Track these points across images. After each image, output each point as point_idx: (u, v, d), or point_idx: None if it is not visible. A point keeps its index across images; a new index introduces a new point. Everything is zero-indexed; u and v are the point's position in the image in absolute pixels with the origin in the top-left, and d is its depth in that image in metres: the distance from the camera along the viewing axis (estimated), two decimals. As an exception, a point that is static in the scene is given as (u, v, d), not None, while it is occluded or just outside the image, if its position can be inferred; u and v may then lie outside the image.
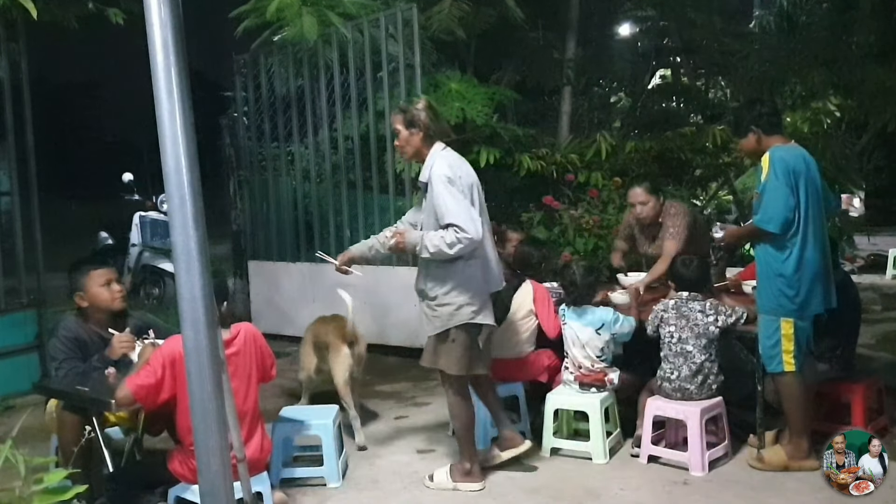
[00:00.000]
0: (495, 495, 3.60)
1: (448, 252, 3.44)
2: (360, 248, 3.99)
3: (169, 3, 1.59)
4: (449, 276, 3.55)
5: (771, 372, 3.64)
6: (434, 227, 3.53)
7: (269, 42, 6.74)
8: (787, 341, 3.56)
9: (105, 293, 3.55)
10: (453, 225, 3.42)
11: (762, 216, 3.57)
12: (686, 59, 8.85)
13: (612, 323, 3.96)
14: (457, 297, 3.54)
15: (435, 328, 3.62)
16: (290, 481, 3.74)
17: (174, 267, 1.65)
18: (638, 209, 4.66)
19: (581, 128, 7.91)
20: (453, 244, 3.42)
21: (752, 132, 3.73)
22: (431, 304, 3.61)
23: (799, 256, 3.54)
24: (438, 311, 3.59)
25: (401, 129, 3.67)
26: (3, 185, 5.88)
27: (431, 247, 3.46)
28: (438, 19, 6.47)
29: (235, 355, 3.23)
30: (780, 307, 3.58)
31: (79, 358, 3.50)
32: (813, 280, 3.57)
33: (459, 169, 3.62)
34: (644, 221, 4.69)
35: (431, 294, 3.60)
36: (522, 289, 4.33)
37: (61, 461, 3.23)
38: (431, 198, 3.54)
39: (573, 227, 6.26)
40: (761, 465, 3.68)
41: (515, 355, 4.28)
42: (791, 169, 3.55)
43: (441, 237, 3.44)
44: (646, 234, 4.79)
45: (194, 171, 1.63)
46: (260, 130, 7.29)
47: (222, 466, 1.67)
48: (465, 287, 3.55)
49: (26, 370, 5.34)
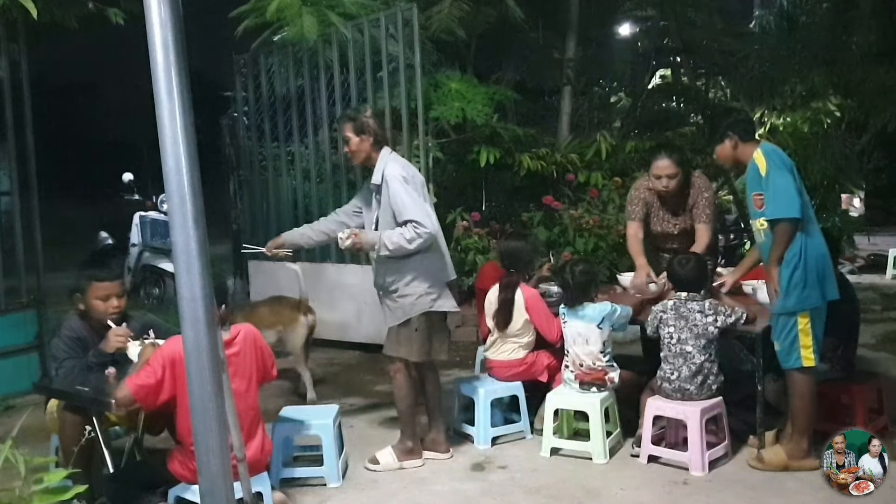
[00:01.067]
0: (495, 495, 3.59)
1: (408, 247, 3.68)
2: (291, 234, 4.24)
3: (169, 3, 1.59)
4: (408, 269, 3.79)
5: (789, 368, 3.61)
6: (391, 224, 3.74)
7: (269, 42, 6.74)
8: (805, 336, 3.54)
9: (101, 306, 3.55)
10: (412, 221, 3.67)
11: (778, 207, 3.53)
12: (686, 59, 8.86)
13: (611, 315, 3.96)
14: (416, 287, 3.79)
15: (397, 318, 3.84)
16: (290, 481, 3.74)
17: (174, 267, 1.65)
18: (664, 182, 4.32)
19: (581, 128, 7.92)
20: (413, 239, 3.67)
21: (729, 138, 3.75)
22: (393, 296, 3.84)
23: (804, 245, 3.55)
24: (400, 301, 3.82)
25: (351, 135, 3.86)
26: (3, 185, 5.88)
27: (391, 244, 3.69)
28: (438, 19, 6.48)
29: (236, 356, 3.23)
30: (799, 301, 3.55)
31: (80, 358, 3.50)
32: (823, 267, 3.58)
33: (411, 169, 3.90)
34: (668, 195, 4.40)
35: (392, 287, 3.83)
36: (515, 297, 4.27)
37: (61, 461, 3.24)
38: (387, 197, 3.75)
39: (573, 227, 6.27)
40: (761, 466, 3.68)
41: (515, 357, 4.28)
42: (784, 157, 3.62)
43: (400, 234, 3.68)
44: (666, 208, 4.48)
45: (194, 171, 1.63)
46: (260, 130, 7.28)
47: (222, 466, 1.67)
48: (424, 278, 3.80)
49: (26, 370, 5.34)
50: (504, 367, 4.30)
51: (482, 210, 6.74)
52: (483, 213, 6.62)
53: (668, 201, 4.45)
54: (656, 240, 4.58)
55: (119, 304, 3.58)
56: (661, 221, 4.52)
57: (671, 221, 4.49)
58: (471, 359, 5.38)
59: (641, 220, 4.53)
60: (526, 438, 4.23)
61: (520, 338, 4.25)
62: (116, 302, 3.57)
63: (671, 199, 4.42)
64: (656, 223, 4.54)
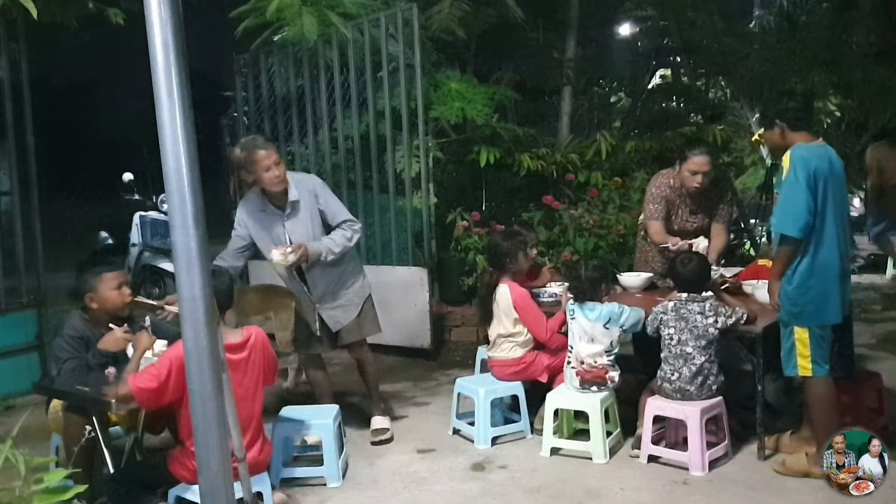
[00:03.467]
0: (495, 495, 3.59)
1: (350, 244, 4.18)
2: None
3: (169, 3, 1.59)
4: (351, 263, 4.32)
5: (787, 375, 3.60)
6: (321, 231, 4.14)
7: (269, 42, 6.74)
8: (802, 346, 3.44)
9: (116, 296, 3.57)
10: (347, 220, 4.19)
11: (780, 219, 3.40)
12: (686, 59, 8.84)
13: (618, 316, 3.95)
14: (360, 274, 4.37)
15: (357, 307, 4.30)
16: (290, 481, 3.74)
17: (174, 267, 1.65)
18: (700, 179, 4.22)
19: (581, 128, 7.91)
20: (353, 236, 4.17)
21: (777, 126, 3.54)
22: (348, 292, 4.27)
23: (811, 262, 3.40)
24: (353, 291, 4.28)
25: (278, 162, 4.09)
26: (3, 185, 5.88)
27: (337, 247, 4.11)
28: (438, 19, 6.47)
29: (247, 359, 3.22)
30: (793, 316, 3.46)
31: (83, 357, 3.50)
32: (827, 288, 3.41)
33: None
34: (696, 192, 4.28)
35: (349, 283, 4.28)
36: (500, 291, 4.28)
37: (62, 461, 3.24)
38: (314, 206, 4.13)
39: (573, 227, 6.26)
40: (783, 470, 3.60)
41: (513, 356, 4.28)
42: (813, 170, 3.35)
43: (341, 235, 4.13)
44: (688, 205, 4.40)
45: (194, 171, 1.63)
46: (260, 130, 7.26)
47: (222, 466, 1.67)
48: (360, 265, 4.45)
49: (26, 370, 5.34)
50: (502, 365, 4.30)
51: (482, 210, 6.73)
52: (483, 213, 6.61)
53: (694, 199, 4.34)
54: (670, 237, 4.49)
55: (130, 292, 3.61)
56: (678, 219, 4.45)
57: (690, 220, 4.42)
58: (471, 359, 5.38)
59: (664, 218, 4.43)
60: (526, 438, 4.24)
61: (515, 337, 4.26)
62: (128, 290, 3.61)
63: (698, 197, 4.31)
64: (674, 221, 4.46)
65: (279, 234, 4.16)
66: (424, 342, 5.93)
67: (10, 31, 5.47)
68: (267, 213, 4.17)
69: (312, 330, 4.30)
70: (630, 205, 6.53)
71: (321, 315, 4.27)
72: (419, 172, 6.04)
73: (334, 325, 4.29)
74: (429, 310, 5.91)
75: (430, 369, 5.78)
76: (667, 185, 4.47)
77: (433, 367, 5.82)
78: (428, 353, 5.97)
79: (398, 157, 6.12)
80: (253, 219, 4.19)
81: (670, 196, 4.45)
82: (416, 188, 6.11)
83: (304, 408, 4.12)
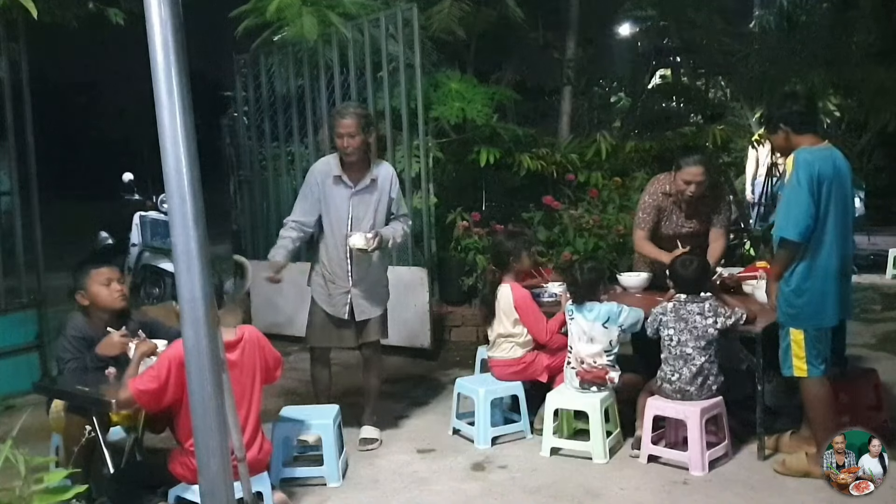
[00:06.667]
0: (495, 495, 3.60)
1: (404, 239, 4.45)
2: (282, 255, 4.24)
3: (169, 3, 1.59)
4: (386, 260, 4.44)
5: (784, 376, 3.61)
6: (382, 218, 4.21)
7: (269, 42, 6.74)
8: (798, 347, 3.46)
9: (105, 292, 3.54)
10: (406, 214, 4.37)
11: (781, 225, 3.39)
12: (686, 59, 8.84)
13: (617, 315, 3.95)
14: (386, 275, 4.41)
15: (383, 304, 4.34)
16: (290, 481, 3.74)
17: (174, 267, 1.65)
18: (693, 188, 4.24)
19: (581, 128, 7.90)
20: (407, 231, 4.37)
21: (781, 129, 3.52)
22: (380, 287, 4.32)
23: (809, 265, 3.41)
24: (383, 288, 4.34)
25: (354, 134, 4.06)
26: (3, 185, 5.87)
27: (399, 238, 4.26)
28: (438, 19, 6.47)
29: (240, 359, 3.22)
30: (789, 317, 3.47)
31: (85, 357, 3.49)
32: (824, 291, 3.42)
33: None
34: (691, 199, 4.30)
35: (382, 280, 4.34)
36: (501, 291, 4.29)
37: (62, 461, 3.24)
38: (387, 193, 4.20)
39: (573, 227, 6.26)
40: (783, 470, 3.61)
41: (513, 356, 4.28)
42: (816, 173, 3.34)
43: (402, 229, 4.27)
44: (682, 211, 4.41)
45: (194, 171, 1.63)
46: (260, 130, 7.28)
47: (222, 466, 1.67)
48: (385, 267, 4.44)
49: (26, 370, 5.34)
50: (502, 365, 4.30)
51: (482, 210, 6.73)
52: (483, 213, 6.61)
53: (689, 204, 4.36)
54: (664, 242, 4.47)
55: (122, 288, 3.59)
56: (673, 225, 4.46)
57: (685, 225, 4.43)
58: (471, 359, 5.38)
59: (650, 229, 4.46)
60: (526, 438, 4.24)
61: (515, 337, 4.26)
62: (119, 286, 3.57)
63: (693, 202, 4.33)
64: (668, 226, 4.47)
65: (340, 207, 4.14)
66: (424, 342, 5.93)
67: (10, 31, 5.47)
68: (336, 182, 4.15)
69: (341, 314, 4.21)
70: (630, 205, 6.51)
71: (352, 302, 4.21)
72: (419, 172, 6.04)
73: (360, 313, 4.22)
74: (429, 310, 5.91)
75: (430, 369, 5.78)
76: (661, 191, 4.46)
77: (433, 367, 5.82)
78: (428, 353, 5.97)
79: (398, 157, 6.12)
80: (325, 181, 4.17)
81: (663, 203, 4.45)
82: (416, 188, 6.11)
83: (303, 408, 4.12)
